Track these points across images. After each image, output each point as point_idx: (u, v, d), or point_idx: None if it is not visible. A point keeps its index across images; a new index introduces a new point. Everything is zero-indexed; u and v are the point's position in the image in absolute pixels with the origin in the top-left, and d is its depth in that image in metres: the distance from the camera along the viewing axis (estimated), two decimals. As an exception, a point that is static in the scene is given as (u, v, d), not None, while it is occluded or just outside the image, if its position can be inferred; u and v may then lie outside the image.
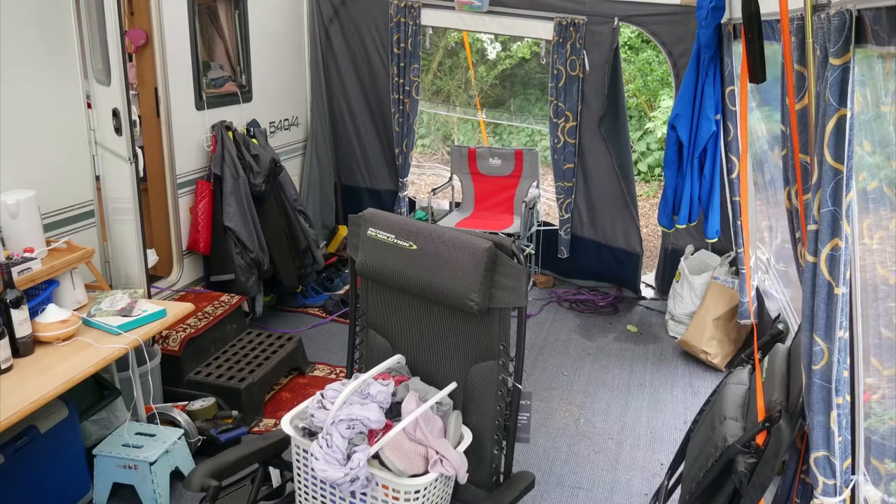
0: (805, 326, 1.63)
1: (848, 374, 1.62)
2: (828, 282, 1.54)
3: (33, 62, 3.01)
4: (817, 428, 1.63)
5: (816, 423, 1.62)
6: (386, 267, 2.00)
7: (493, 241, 1.86)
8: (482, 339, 1.95)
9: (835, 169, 1.49)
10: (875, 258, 1.83)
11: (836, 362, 1.57)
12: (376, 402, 1.85)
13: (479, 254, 1.84)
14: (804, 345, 1.65)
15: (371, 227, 2.02)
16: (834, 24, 1.47)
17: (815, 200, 1.57)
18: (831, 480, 1.63)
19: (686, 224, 4.14)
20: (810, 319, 1.61)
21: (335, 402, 1.82)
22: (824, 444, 1.63)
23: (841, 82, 1.47)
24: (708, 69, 3.78)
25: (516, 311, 1.89)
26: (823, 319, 1.57)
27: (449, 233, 1.92)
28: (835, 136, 1.49)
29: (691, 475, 2.08)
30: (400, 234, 1.97)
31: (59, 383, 2.35)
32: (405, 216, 5.33)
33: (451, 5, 4.85)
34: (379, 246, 2.01)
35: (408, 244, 1.95)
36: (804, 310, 1.64)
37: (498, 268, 1.86)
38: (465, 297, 1.86)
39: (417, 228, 1.96)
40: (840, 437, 1.61)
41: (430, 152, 9.71)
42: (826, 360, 1.58)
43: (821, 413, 1.61)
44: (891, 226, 1.63)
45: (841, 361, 1.58)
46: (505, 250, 1.86)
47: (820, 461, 1.64)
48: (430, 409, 1.88)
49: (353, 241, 2.11)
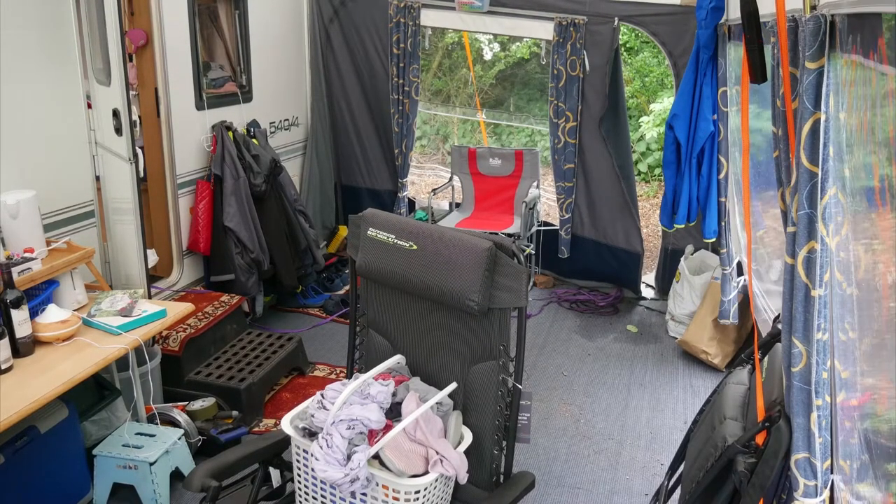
0: (784, 328, 1.64)
1: (828, 375, 1.62)
2: (805, 284, 1.55)
3: (34, 62, 3.01)
4: (798, 430, 1.63)
5: (797, 424, 1.63)
6: (386, 267, 2.00)
7: (493, 242, 1.86)
8: (482, 340, 1.95)
9: (810, 171, 1.50)
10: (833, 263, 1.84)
11: (815, 364, 1.58)
12: (376, 402, 1.85)
13: (480, 254, 1.84)
14: (783, 347, 1.66)
15: (371, 228, 2.03)
16: (809, 29, 1.48)
17: (794, 203, 1.58)
18: (812, 482, 1.64)
19: (685, 224, 4.15)
20: (789, 321, 1.61)
21: (335, 403, 1.82)
22: (805, 446, 1.63)
23: (816, 86, 1.48)
24: (707, 69, 3.79)
25: (516, 312, 1.89)
26: (801, 321, 1.57)
27: (449, 233, 1.92)
28: (810, 139, 1.50)
29: (691, 475, 2.08)
30: (400, 234, 1.97)
31: (60, 383, 2.35)
32: (405, 216, 5.34)
33: (451, 6, 4.86)
34: (379, 246, 2.01)
35: (408, 244, 1.95)
36: (783, 312, 1.65)
37: (498, 268, 1.86)
38: (465, 298, 1.86)
39: (418, 229, 1.96)
40: (820, 438, 1.62)
41: (429, 152, 9.71)
42: (804, 363, 1.59)
43: (801, 415, 1.62)
44: (842, 231, 1.63)
45: (820, 363, 1.58)
46: (505, 251, 1.86)
47: (801, 463, 1.64)
48: (431, 410, 1.88)
49: (353, 242, 2.11)
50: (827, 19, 1.47)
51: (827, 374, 1.62)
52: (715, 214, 3.99)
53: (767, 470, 1.72)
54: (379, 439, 1.77)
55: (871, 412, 1.87)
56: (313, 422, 1.85)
